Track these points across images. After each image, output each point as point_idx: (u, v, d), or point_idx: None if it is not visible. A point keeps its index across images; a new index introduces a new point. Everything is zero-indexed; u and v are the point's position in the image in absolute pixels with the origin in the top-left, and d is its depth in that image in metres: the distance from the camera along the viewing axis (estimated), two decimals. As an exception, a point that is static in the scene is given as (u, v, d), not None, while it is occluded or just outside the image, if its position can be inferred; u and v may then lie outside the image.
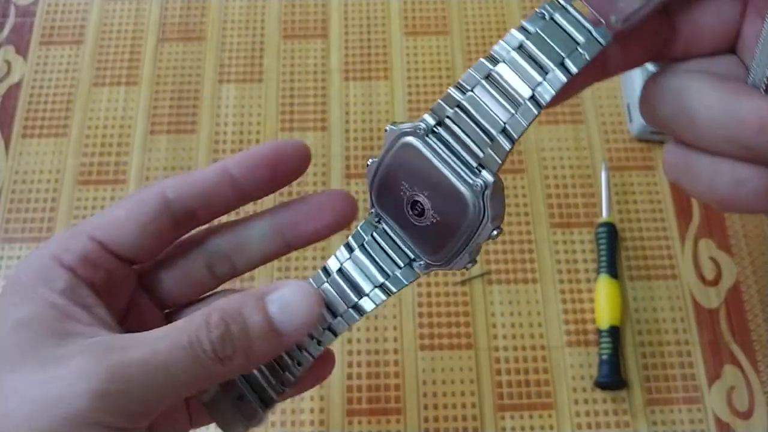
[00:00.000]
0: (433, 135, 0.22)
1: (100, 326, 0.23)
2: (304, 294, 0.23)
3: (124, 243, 0.25)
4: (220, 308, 0.22)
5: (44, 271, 0.24)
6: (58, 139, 0.55)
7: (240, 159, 0.26)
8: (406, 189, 0.23)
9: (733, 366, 0.48)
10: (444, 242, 0.23)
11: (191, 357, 0.21)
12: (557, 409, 0.47)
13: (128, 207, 0.25)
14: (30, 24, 0.60)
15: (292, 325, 0.22)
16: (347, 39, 0.59)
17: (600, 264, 0.50)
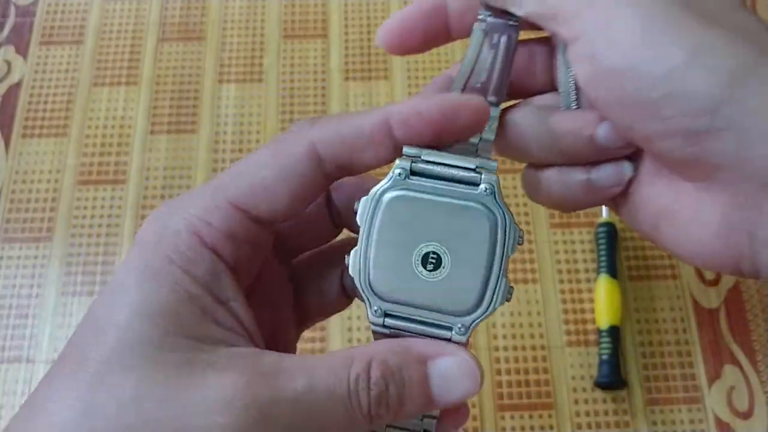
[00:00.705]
0: (414, 175, 0.21)
1: (240, 330, 0.20)
2: (468, 370, 0.20)
3: (273, 211, 0.21)
4: (381, 361, 0.19)
5: (183, 248, 0.20)
6: (58, 139, 0.55)
7: (407, 115, 0.21)
8: (408, 249, 0.20)
9: (733, 366, 0.48)
10: (475, 279, 0.20)
11: (343, 408, 0.19)
12: (557, 409, 0.47)
13: (275, 166, 0.21)
14: (30, 24, 0.60)
15: (446, 399, 0.20)
16: (347, 39, 0.59)
17: (600, 264, 0.50)
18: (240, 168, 0.21)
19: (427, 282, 0.20)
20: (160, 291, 0.19)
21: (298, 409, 0.18)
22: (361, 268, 0.21)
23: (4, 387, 0.47)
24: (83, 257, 0.51)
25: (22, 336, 0.49)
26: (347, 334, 0.49)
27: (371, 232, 0.21)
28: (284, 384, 0.18)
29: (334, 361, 0.19)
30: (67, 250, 0.51)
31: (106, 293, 0.20)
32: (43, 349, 0.48)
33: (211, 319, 0.19)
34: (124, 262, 0.20)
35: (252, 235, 0.21)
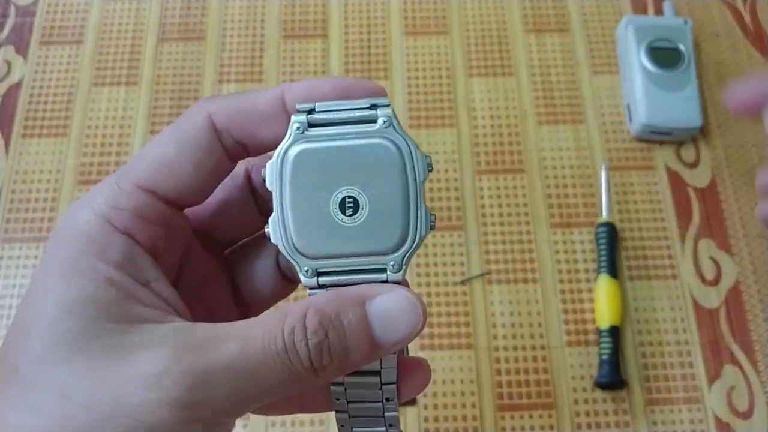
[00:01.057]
0: (313, 127, 0.20)
1: (165, 307, 0.20)
2: (409, 305, 0.19)
3: (179, 188, 0.21)
4: (317, 308, 0.19)
5: (94, 237, 0.19)
6: (58, 139, 0.55)
7: (298, 90, 0.21)
8: (324, 199, 0.20)
9: (733, 366, 0.48)
10: (395, 212, 0.20)
11: (283, 364, 0.18)
12: (557, 409, 0.47)
13: (175, 142, 0.21)
14: (30, 24, 0.60)
15: (390, 339, 0.19)
16: (347, 39, 0.59)
17: (600, 264, 0.50)
18: (143, 150, 0.21)
19: (350, 228, 0.20)
20: (78, 282, 0.19)
21: (235, 373, 0.18)
22: (281, 234, 0.20)
23: (4, 387, 0.47)
24: (83, 257, 0.51)
25: (22, 336, 0.49)
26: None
27: (283, 194, 0.20)
28: (216, 351, 0.18)
29: (268, 320, 0.19)
30: (67, 250, 0.51)
31: (26, 298, 0.19)
32: (43, 349, 0.48)
33: (134, 300, 0.19)
34: (39, 264, 0.20)
35: (164, 215, 0.21)
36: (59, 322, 0.18)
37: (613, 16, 0.60)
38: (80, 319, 0.18)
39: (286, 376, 0.18)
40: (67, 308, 0.18)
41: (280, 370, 0.18)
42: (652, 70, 0.54)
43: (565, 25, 0.60)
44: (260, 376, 0.18)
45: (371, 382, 0.22)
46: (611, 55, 0.58)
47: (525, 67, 0.58)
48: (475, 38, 0.59)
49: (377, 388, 0.22)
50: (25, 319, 0.19)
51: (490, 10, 0.60)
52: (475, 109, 0.56)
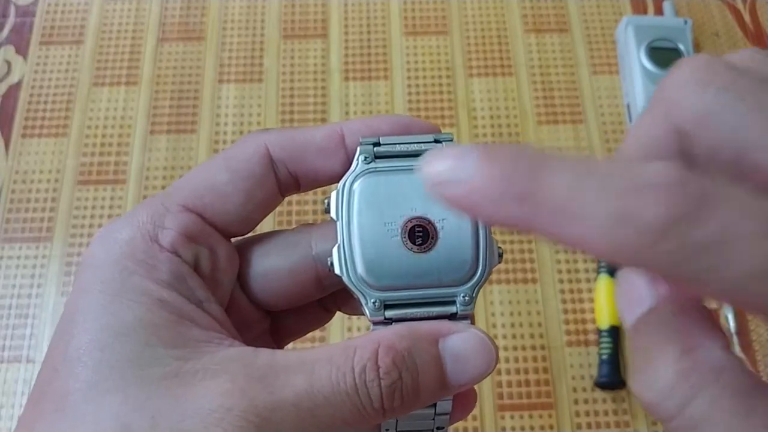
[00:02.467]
0: (378, 158, 0.20)
1: (219, 329, 0.19)
2: (482, 346, 0.19)
3: (227, 215, 0.20)
4: (388, 345, 0.18)
5: (139, 256, 0.18)
6: (58, 139, 0.55)
7: (356, 127, 0.21)
8: (393, 228, 0.19)
9: (733, 366, 0.48)
10: (466, 243, 0.20)
11: (352, 404, 0.17)
12: (557, 409, 0.47)
13: (227, 168, 0.20)
14: (30, 24, 0.60)
15: (461, 380, 0.19)
16: (347, 39, 0.59)
17: (600, 264, 0.50)
18: (190, 174, 0.21)
19: (419, 258, 0.19)
20: (127, 304, 0.17)
21: (301, 412, 0.17)
22: (347, 264, 0.19)
23: (4, 387, 0.47)
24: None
25: (22, 336, 0.49)
26: (347, 334, 0.49)
27: (350, 223, 0.19)
28: (282, 386, 0.17)
29: (334, 353, 0.18)
30: (67, 250, 0.51)
31: (68, 321, 0.18)
32: (43, 349, 0.48)
33: (187, 322, 0.18)
34: (76, 288, 0.18)
35: (210, 238, 0.20)
36: (111, 347, 0.17)
37: (613, 16, 0.60)
38: (133, 344, 0.17)
39: (353, 414, 0.17)
40: (119, 332, 0.17)
41: (348, 409, 0.17)
42: (652, 70, 0.54)
43: (565, 25, 0.60)
44: (326, 414, 0.17)
45: (426, 414, 0.21)
46: (611, 55, 0.58)
47: (525, 67, 0.58)
48: (475, 38, 0.59)
49: (431, 418, 0.21)
50: (70, 344, 0.17)
51: (490, 10, 0.60)
52: (475, 109, 0.56)
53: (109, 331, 0.17)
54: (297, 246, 0.21)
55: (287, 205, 0.53)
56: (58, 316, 0.50)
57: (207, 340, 0.18)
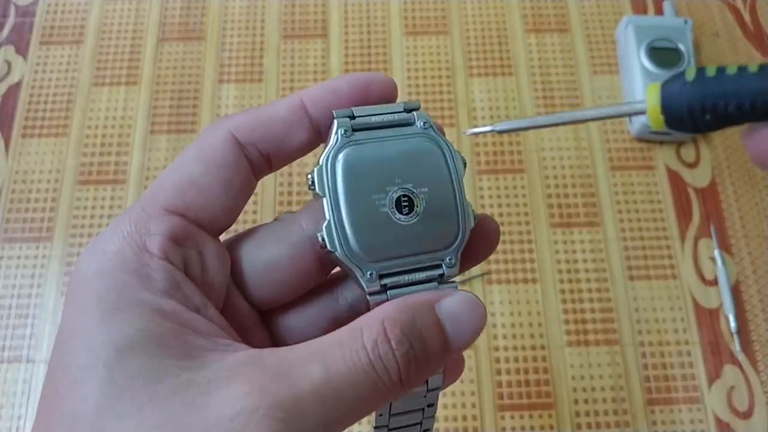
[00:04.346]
0: (356, 131, 0.20)
1: (222, 334, 0.18)
2: (473, 304, 0.19)
3: (209, 209, 0.20)
4: (394, 319, 0.18)
5: (131, 266, 0.18)
6: (58, 139, 0.55)
7: (317, 94, 0.21)
8: (379, 200, 0.20)
9: (733, 366, 0.48)
10: (448, 208, 0.20)
11: (370, 380, 0.17)
12: (557, 409, 0.47)
13: (201, 162, 0.20)
14: (30, 24, 0.60)
15: (461, 339, 0.19)
16: (347, 39, 0.59)
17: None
18: (165, 173, 0.20)
19: (407, 227, 0.20)
20: (126, 317, 0.17)
21: (323, 399, 0.17)
22: (339, 239, 0.19)
23: (4, 387, 0.47)
24: (83, 257, 0.51)
25: (22, 336, 0.49)
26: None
27: (337, 197, 0.20)
28: (299, 377, 0.17)
29: (343, 336, 0.18)
30: (67, 250, 0.51)
31: (65, 340, 0.17)
32: (43, 349, 0.48)
33: (190, 331, 0.17)
34: (69, 306, 0.18)
35: (198, 239, 0.19)
36: (116, 364, 0.16)
37: (613, 16, 0.60)
38: (139, 359, 0.16)
39: (374, 392, 0.17)
40: (123, 347, 0.16)
41: (367, 387, 0.17)
42: (652, 70, 0.54)
43: (565, 25, 0.60)
44: (348, 396, 0.17)
45: (419, 390, 0.21)
46: (611, 55, 0.58)
47: (525, 67, 0.58)
48: (475, 38, 0.59)
49: (423, 395, 0.21)
50: (72, 365, 0.17)
51: (490, 10, 0.60)
52: (475, 109, 0.56)
53: (112, 347, 0.16)
54: (290, 232, 0.21)
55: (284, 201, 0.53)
56: (58, 316, 0.50)
57: (212, 347, 0.17)
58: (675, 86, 0.16)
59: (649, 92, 0.16)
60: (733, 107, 0.15)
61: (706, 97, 0.16)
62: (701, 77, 0.16)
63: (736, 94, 0.15)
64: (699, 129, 0.16)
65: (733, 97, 0.15)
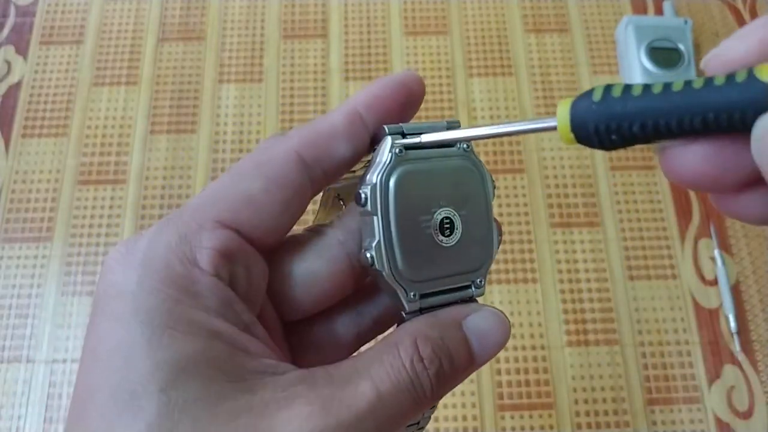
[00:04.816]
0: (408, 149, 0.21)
1: (270, 354, 0.18)
2: (498, 320, 0.20)
3: (263, 227, 0.19)
4: (425, 337, 0.19)
5: (181, 281, 0.17)
6: (58, 139, 0.55)
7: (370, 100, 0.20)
8: (426, 221, 0.20)
9: (733, 366, 0.48)
10: (483, 231, 0.21)
11: (411, 397, 0.18)
12: (557, 409, 0.47)
13: (261, 177, 0.19)
14: (30, 24, 0.60)
15: (485, 355, 0.20)
16: (347, 39, 0.59)
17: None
18: (221, 184, 0.19)
19: (447, 248, 0.20)
20: (180, 337, 0.16)
21: (377, 415, 0.17)
22: (388, 259, 0.20)
23: (4, 387, 0.47)
24: (83, 257, 0.51)
25: (22, 336, 0.49)
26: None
27: (388, 217, 0.20)
28: (354, 397, 0.17)
29: (383, 354, 0.18)
30: (67, 250, 0.51)
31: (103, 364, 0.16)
32: (43, 349, 0.48)
33: (242, 351, 0.17)
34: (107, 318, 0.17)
35: (246, 256, 0.19)
36: (172, 388, 0.16)
37: (613, 16, 0.60)
38: (196, 383, 0.16)
39: (411, 406, 0.18)
40: (180, 369, 0.16)
41: (409, 402, 0.18)
42: (652, 70, 0.54)
43: (565, 25, 0.60)
44: (395, 411, 0.18)
45: None
46: (611, 55, 0.58)
47: (525, 67, 0.58)
48: (475, 38, 0.59)
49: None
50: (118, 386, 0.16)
51: (490, 10, 0.60)
52: (475, 109, 0.56)
53: (168, 369, 0.16)
54: (329, 246, 0.21)
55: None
56: (59, 316, 0.50)
57: (262, 369, 0.17)
58: (581, 105, 0.16)
59: (560, 110, 0.16)
60: (637, 128, 0.15)
61: (611, 119, 0.16)
62: (607, 97, 0.16)
63: (640, 115, 0.15)
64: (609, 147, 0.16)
65: (637, 117, 0.15)
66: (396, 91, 0.21)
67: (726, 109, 0.14)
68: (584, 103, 0.16)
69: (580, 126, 0.16)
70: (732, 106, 0.14)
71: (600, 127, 0.16)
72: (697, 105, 0.15)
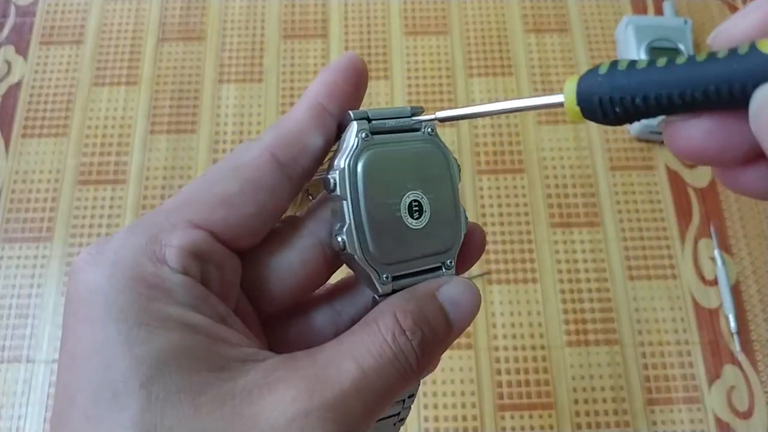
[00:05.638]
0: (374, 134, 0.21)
1: (248, 342, 0.18)
2: (471, 290, 0.21)
3: (238, 229, 0.19)
4: (403, 310, 0.19)
5: (151, 279, 0.17)
6: (58, 139, 0.55)
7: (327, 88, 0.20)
8: (395, 204, 0.20)
9: (733, 366, 0.48)
10: (450, 214, 0.21)
11: (396, 370, 0.18)
12: (557, 409, 0.47)
13: (238, 179, 0.19)
14: (30, 24, 0.60)
15: (461, 322, 0.21)
16: (347, 39, 0.59)
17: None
18: (195, 185, 0.19)
19: (416, 230, 0.21)
20: (157, 333, 0.16)
21: (362, 393, 0.17)
22: (359, 242, 0.20)
23: (4, 387, 0.47)
24: (83, 257, 0.51)
25: (22, 336, 0.49)
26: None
27: (358, 201, 0.20)
28: (338, 376, 0.17)
29: (363, 333, 0.19)
30: (67, 250, 0.51)
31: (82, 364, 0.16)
32: (43, 349, 0.48)
33: (219, 342, 0.17)
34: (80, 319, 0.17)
35: (218, 255, 0.19)
36: (153, 382, 0.16)
37: (613, 16, 0.60)
38: (176, 375, 0.16)
39: (398, 380, 0.19)
40: (159, 363, 0.16)
41: (394, 376, 0.18)
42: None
43: (565, 25, 0.60)
44: (380, 387, 0.18)
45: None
46: (611, 55, 0.58)
47: (525, 67, 0.58)
48: (475, 38, 0.59)
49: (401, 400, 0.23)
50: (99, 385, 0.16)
51: (490, 10, 0.60)
52: (475, 109, 0.56)
53: (147, 363, 0.16)
54: (299, 236, 0.21)
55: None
56: (59, 316, 0.50)
57: (242, 356, 0.18)
58: (588, 79, 0.16)
59: (567, 85, 0.17)
60: (640, 100, 0.16)
61: (614, 90, 0.16)
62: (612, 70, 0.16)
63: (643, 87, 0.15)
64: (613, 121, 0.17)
65: (640, 90, 0.16)
66: (348, 75, 0.21)
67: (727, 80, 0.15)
68: (590, 77, 0.16)
69: (585, 99, 0.16)
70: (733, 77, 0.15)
71: (604, 99, 0.16)
72: (699, 77, 0.15)
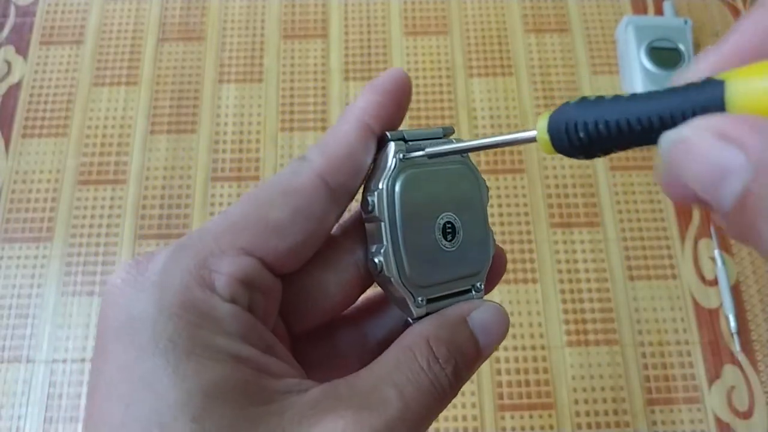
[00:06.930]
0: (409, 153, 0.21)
1: (293, 372, 0.18)
2: (498, 313, 0.21)
3: (287, 256, 0.19)
4: (436, 338, 0.19)
5: (202, 306, 0.17)
6: (58, 139, 0.55)
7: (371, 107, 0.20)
8: (430, 226, 0.20)
9: (733, 366, 0.48)
10: (481, 236, 0.21)
11: (433, 397, 0.19)
12: (557, 409, 0.47)
13: (290, 207, 0.19)
14: (30, 24, 0.60)
15: (490, 347, 0.21)
16: (347, 39, 0.59)
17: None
18: (245, 210, 0.19)
19: (449, 252, 0.21)
20: (206, 364, 0.16)
21: (406, 420, 0.18)
22: (396, 265, 0.20)
23: (4, 387, 0.47)
24: (83, 257, 0.51)
25: (22, 336, 0.49)
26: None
27: (395, 223, 0.20)
28: (381, 405, 0.18)
29: (398, 361, 0.19)
30: (67, 250, 0.51)
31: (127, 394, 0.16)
32: (43, 349, 0.48)
33: (266, 374, 0.17)
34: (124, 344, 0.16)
35: (265, 282, 0.19)
36: (204, 417, 0.15)
37: (613, 16, 0.60)
38: (226, 409, 0.16)
39: (436, 405, 0.19)
40: (207, 399, 0.16)
41: (432, 402, 0.19)
42: (652, 70, 0.54)
43: (565, 25, 0.60)
44: (421, 412, 0.18)
45: None
46: (611, 55, 0.58)
47: (525, 67, 0.58)
48: (475, 38, 0.59)
49: None
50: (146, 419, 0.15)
51: (490, 10, 0.60)
52: (475, 109, 0.56)
53: (197, 398, 0.15)
54: (337, 257, 0.21)
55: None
56: (59, 316, 0.50)
57: (287, 388, 0.17)
58: (559, 110, 0.17)
59: (540, 119, 0.18)
60: (603, 125, 0.16)
61: (579, 115, 0.17)
62: (581, 101, 0.17)
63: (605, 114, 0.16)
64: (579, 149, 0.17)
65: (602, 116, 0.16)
66: (396, 96, 0.21)
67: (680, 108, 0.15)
68: (561, 108, 0.17)
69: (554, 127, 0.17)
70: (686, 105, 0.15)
71: (570, 124, 0.17)
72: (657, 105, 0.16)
